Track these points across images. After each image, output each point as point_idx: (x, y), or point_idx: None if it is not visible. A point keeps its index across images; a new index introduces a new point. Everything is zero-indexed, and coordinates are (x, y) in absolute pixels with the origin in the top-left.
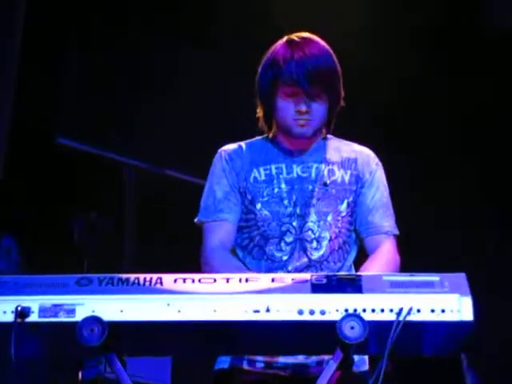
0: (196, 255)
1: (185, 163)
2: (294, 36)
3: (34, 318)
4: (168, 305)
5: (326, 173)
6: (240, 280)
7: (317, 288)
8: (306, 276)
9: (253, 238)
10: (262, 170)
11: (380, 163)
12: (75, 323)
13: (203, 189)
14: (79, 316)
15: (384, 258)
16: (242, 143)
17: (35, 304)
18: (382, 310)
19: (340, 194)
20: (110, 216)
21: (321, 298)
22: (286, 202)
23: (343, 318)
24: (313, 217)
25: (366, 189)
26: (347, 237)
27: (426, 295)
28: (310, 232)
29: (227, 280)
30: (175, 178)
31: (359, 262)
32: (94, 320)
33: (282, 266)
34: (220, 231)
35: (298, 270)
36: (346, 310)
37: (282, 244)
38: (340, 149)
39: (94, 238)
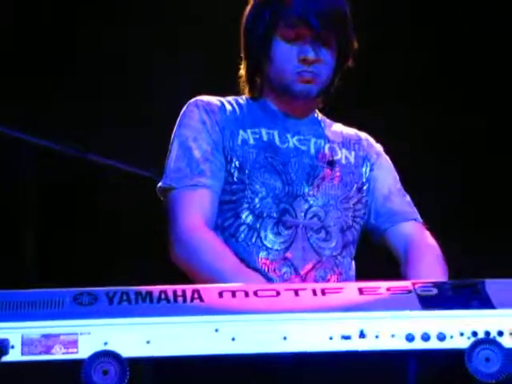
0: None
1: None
2: None
3: (15, 355)
4: (216, 331)
5: (327, 150)
6: (314, 292)
7: (428, 302)
8: (407, 284)
9: (239, 214)
10: (249, 132)
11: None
12: (79, 362)
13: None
14: (84, 351)
15: (434, 251)
16: (219, 97)
17: (16, 335)
18: None
19: (347, 178)
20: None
21: (436, 316)
22: (282, 176)
23: (473, 346)
24: (319, 200)
25: (376, 172)
26: (357, 232)
27: None
28: (315, 218)
29: (296, 292)
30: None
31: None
32: (107, 357)
33: (282, 257)
34: (201, 201)
35: (304, 263)
36: (475, 334)
37: (281, 227)
38: (336, 127)
39: None
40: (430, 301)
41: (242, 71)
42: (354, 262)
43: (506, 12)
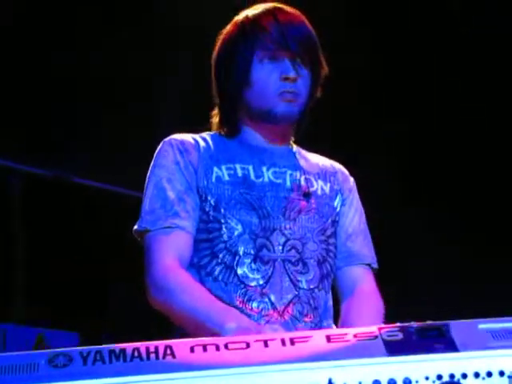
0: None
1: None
2: (270, 4)
3: None
4: None
5: (302, 182)
6: (283, 342)
7: (393, 347)
8: (373, 330)
9: (216, 253)
10: (224, 168)
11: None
12: None
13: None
14: None
15: (374, 303)
16: (194, 135)
17: None
18: (490, 374)
19: (323, 210)
20: None
21: (401, 361)
22: (258, 211)
23: None
24: (296, 233)
25: (346, 208)
26: (331, 266)
27: None
28: (293, 251)
29: (265, 343)
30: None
31: None
32: None
33: (260, 293)
34: (175, 243)
35: (282, 297)
36: (440, 377)
37: (258, 263)
38: (312, 158)
39: None
40: (395, 346)
41: (215, 118)
42: (330, 295)
43: (505, 15)
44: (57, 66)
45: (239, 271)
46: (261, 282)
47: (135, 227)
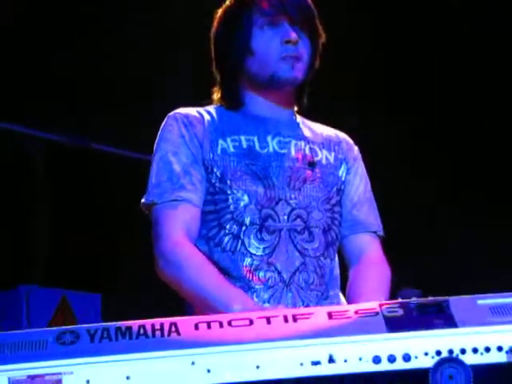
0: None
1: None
2: None
3: None
4: (193, 363)
5: (307, 151)
6: (286, 319)
7: (393, 324)
8: (374, 306)
9: (223, 224)
10: (229, 141)
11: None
12: None
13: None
14: None
15: (381, 270)
16: (198, 108)
17: (3, 377)
18: (488, 349)
19: (328, 179)
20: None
21: (401, 338)
22: (264, 181)
23: (437, 364)
24: (301, 202)
25: (351, 177)
26: (336, 234)
27: None
28: (298, 220)
29: (268, 320)
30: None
31: None
32: None
33: (266, 263)
34: (182, 216)
35: (288, 266)
36: (439, 353)
37: (264, 233)
38: (316, 128)
39: None
40: (395, 322)
41: (217, 94)
42: (337, 262)
43: (506, 12)
44: (57, 65)
45: (246, 241)
46: (267, 252)
47: (142, 200)
